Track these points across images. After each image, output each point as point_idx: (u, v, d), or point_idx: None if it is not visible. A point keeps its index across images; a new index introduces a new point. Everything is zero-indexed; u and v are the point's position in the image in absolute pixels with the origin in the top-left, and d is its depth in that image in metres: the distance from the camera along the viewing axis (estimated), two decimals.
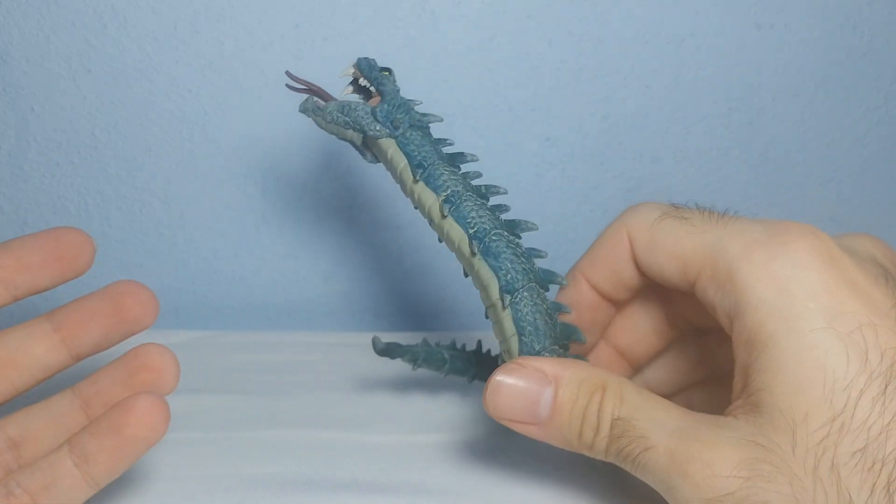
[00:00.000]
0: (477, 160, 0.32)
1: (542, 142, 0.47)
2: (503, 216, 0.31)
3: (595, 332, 0.33)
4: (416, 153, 0.31)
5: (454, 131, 0.47)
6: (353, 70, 0.33)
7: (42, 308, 0.30)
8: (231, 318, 0.49)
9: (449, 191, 0.31)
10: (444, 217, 0.30)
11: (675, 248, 0.28)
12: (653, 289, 0.31)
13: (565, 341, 0.30)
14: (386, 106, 0.32)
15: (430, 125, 0.33)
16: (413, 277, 0.49)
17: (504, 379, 0.28)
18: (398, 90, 0.33)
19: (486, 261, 0.30)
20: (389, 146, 0.32)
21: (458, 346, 0.36)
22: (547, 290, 0.30)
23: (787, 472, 0.24)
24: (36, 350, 0.28)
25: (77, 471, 0.25)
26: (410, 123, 0.32)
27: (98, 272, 0.47)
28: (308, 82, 0.34)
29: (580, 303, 0.32)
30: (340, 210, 0.47)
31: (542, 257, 0.31)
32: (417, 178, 0.31)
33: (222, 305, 0.48)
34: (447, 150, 0.32)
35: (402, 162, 0.31)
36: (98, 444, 0.25)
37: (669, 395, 0.33)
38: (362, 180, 0.47)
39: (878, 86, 0.48)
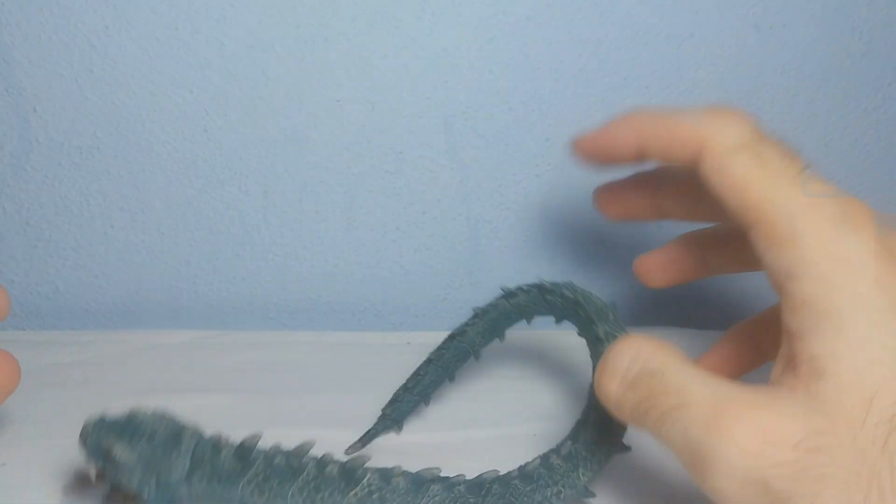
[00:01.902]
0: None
1: (541, 142, 0.47)
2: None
3: (612, 158, 0.32)
4: (215, 499, 0.27)
5: (454, 132, 0.47)
6: (95, 471, 0.28)
7: None
8: (231, 317, 0.49)
9: None
10: None
11: (742, 187, 0.27)
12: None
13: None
14: (146, 500, 0.27)
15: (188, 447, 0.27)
16: (413, 277, 0.49)
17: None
18: (140, 460, 0.27)
19: None
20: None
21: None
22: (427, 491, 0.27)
23: (853, 446, 0.23)
24: None
25: None
26: (184, 482, 0.27)
27: (99, 272, 0.48)
28: None
29: (619, 140, 0.31)
30: (341, 210, 0.47)
31: (397, 473, 0.27)
32: None
33: (223, 305, 0.49)
34: (227, 454, 0.27)
35: None
36: None
37: None
38: (362, 181, 0.47)
39: (877, 87, 0.48)
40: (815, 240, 0.25)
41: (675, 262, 0.36)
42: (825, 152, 0.49)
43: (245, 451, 0.27)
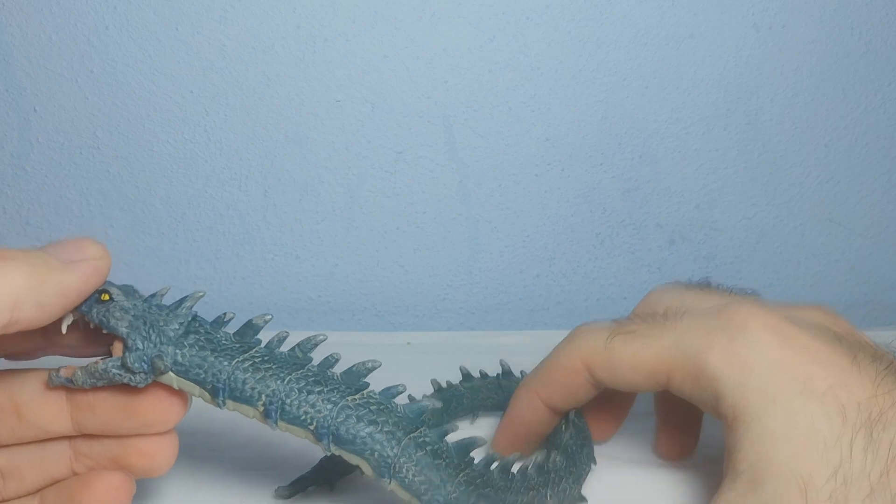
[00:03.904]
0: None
1: (541, 142, 0.47)
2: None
3: (539, 439, 0.33)
4: (202, 376, 0.25)
5: (454, 132, 0.47)
6: (72, 319, 0.25)
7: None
8: None
9: (263, 397, 0.25)
10: (276, 425, 0.25)
11: (635, 361, 0.29)
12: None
13: (465, 459, 0.26)
14: (131, 355, 0.25)
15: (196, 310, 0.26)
16: (413, 277, 0.49)
17: None
18: (132, 310, 0.25)
19: (345, 449, 0.25)
20: (171, 381, 0.25)
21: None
22: (420, 426, 0.26)
23: None
24: (45, 413, 0.26)
25: None
26: (173, 342, 0.25)
27: None
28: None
29: (532, 416, 0.32)
30: (341, 210, 0.48)
31: (400, 392, 0.26)
32: (221, 403, 0.25)
33: (224, 305, 0.49)
34: (231, 326, 0.26)
35: (195, 390, 0.25)
36: None
37: None
38: (362, 181, 0.47)
39: (876, 87, 0.48)
40: (712, 357, 0.27)
41: (683, 434, 0.36)
42: (825, 152, 0.49)
43: (248, 331, 0.26)
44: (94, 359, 0.26)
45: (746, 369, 0.26)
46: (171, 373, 0.25)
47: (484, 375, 0.37)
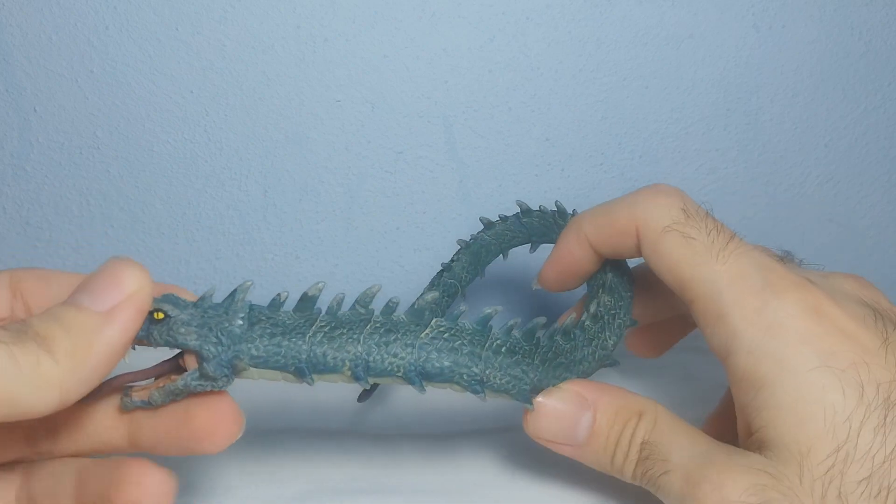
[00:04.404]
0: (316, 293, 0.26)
1: (541, 142, 0.47)
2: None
3: (585, 276, 0.34)
4: (282, 362, 0.25)
5: (454, 132, 0.47)
6: (132, 350, 0.25)
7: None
8: None
9: (347, 362, 0.26)
10: (366, 382, 0.26)
11: (675, 269, 0.28)
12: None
13: (533, 342, 0.28)
14: (209, 364, 0.25)
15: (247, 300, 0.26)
16: (413, 277, 0.49)
17: (545, 401, 0.29)
18: (193, 320, 0.25)
19: (435, 381, 0.26)
20: (252, 375, 0.26)
21: None
22: (489, 332, 0.27)
23: (794, 500, 0.24)
24: (103, 423, 0.26)
25: None
26: (244, 338, 0.25)
27: None
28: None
29: (580, 256, 0.32)
30: (341, 210, 0.48)
31: (463, 311, 0.27)
32: (310, 381, 0.26)
33: None
34: (289, 305, 0.26)
35: (277, 376, 0.26)
36: None
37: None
38: (362, 181, 0.47)
39: (876, 87, 0.48)
40: (740, 313, 0.27)
41: (660, 332, 0.36)
42: (825, 152, 0.49)
43: (307, 303, 0.26)
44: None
45: (769, 334, 0.26)
46: (250, 368, 0.25)
47: (542, 210, 0.38)
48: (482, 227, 0.39)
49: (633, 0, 0.45)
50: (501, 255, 0.40)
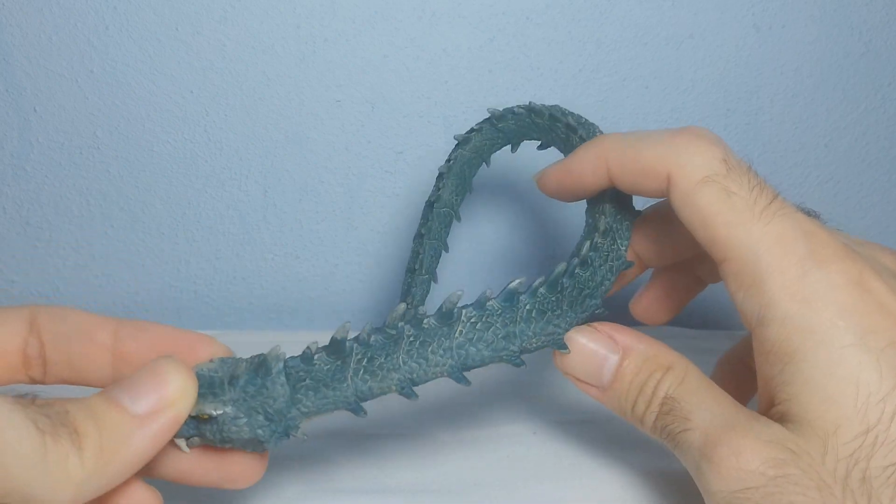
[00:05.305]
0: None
1: None
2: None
3: (580, 196, 0.32)
4: (332, 406, 0.26)
5: (454, 132, 0.47)
6: (186, 443, 0.25)
7: None
8: (232, 317, 0.49)
9: (393, 387, 0.26)
10: (415, 396, 0.26)
11: (710, 223, 0.26)
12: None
13: (556, 293, 0.28)
14: (269, 441, 0.25)
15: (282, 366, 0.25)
16: None
17: (577, 337, 0.29)
18: (238, 409, 0.25)
19: (480, 366, 0.27)
20: (312, 418, 0.26)
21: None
22: (517, 304, 0.27)
23: (815, 478, 0.23)
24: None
25: None
26: (290, 405, 0.25)
27: (100, 272, 0.48)
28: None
29: (591, 180, 0.30)
30: (341, 210, 0.48)
31: (489, 297, 0.27)
32: (363, 413, 0.26)
33: (224, 305, 0.49)
34: (320, 358, 0.25)
35: (330, 413, 0.26)
36: None
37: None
38: (362, 181, 0.47)
39: (876, 87, 0.48)
40: (779, 280, 0.25)
41: (669, 293, 0.35)
42: (825, 152, 0.49)
43: (338, 346, 0.25)
44: None
45: (806, 305, 0.25)
46: (305, 417, 0.25)
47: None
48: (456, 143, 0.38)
49: (633, 0, 0.45)
50: (484, 163, 0.39)
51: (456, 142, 0.38)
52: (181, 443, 0.25)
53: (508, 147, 0.38)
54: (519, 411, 0.38)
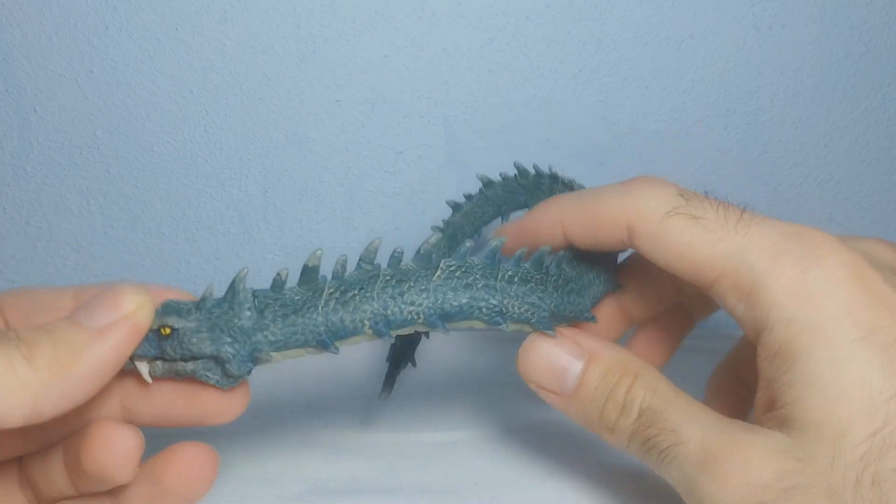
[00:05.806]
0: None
1: (541, 143, 0.47)
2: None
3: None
4: (302, 339, 0.25)
5: (454, 132, 0.47)
6: (144, 368, 0.25)
7: None
8: None
9: (366, 321, 0.25)
10: (390, 336, 0.26)
11: (688, 252, 0.26)
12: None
13: (543, 270, 0.28)
14: (231, 364, 0.24)
15: (244, 289, 0.25)
16: None
17: (539, 342, 0.28)
18: (202, 326, 0.24)
19: (456, 320, 0.26)
20: (274, 359, 0.25)
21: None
22: (500, 264, 0.27)
23: (825, 486, 0.23)
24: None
25: None
26: (257, 329, 0.24)
27: (100, 272, 0.48)
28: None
29: (546, 238, 0.30)
30: (340, 210, 0.48)
31: (469, 247, 0.27)
32: (334, 350, 0.25)
33: None
34: (291, 280, 0.25)
35: (301, 352, 0.25)
36: None
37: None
38: (362, 181, 0.47)
39: (876, 87, 0.48)
40: (779, 283, 0.25)
41: (668, 325, 0.35)
42: (825, 152, 0.49)
43: (310, 274, 0.25)
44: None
45: (810, 304, 0.24)
46: (272, 354, 0.25)
47: (537, 171, 0.38)
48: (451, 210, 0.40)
49: (633, 0, 0.45)
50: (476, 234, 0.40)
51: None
52: (143, 369, 0.24)
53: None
54: (519, 411, 0.38)
